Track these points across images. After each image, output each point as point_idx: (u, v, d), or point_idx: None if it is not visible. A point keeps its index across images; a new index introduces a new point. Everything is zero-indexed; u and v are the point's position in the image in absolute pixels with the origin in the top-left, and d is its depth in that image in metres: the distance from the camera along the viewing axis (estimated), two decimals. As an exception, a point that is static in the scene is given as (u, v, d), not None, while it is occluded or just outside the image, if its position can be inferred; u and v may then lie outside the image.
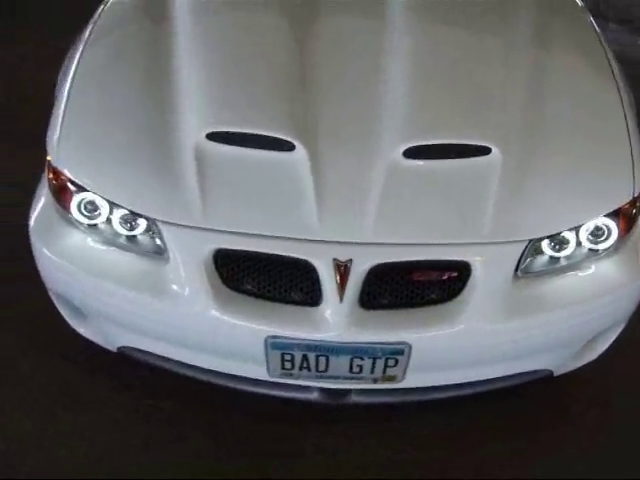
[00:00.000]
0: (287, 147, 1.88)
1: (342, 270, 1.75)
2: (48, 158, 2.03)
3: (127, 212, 1.88)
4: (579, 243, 1.92)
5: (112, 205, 1.89)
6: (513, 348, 1.90)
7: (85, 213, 1.93)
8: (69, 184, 1.93)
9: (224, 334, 1.83)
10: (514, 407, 2.33)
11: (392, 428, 2.26)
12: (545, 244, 1.88)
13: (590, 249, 1.93)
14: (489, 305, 1.81)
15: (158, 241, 1.87)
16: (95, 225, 1.94)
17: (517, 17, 2.42)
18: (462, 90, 2.12)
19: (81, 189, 1.91)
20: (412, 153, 1.88)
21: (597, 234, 1.93)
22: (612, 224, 1.92)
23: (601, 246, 1.94)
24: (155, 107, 2.02)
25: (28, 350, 2.46)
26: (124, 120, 2.00)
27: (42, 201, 2.07)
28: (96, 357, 2.32)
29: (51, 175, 2.00)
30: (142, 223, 1.88)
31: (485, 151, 1.91)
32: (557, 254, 1.91)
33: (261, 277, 1.82)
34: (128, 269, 1.89)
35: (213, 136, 1.91)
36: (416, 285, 1.81)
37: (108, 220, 1.92)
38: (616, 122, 2.10)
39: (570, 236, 1.90)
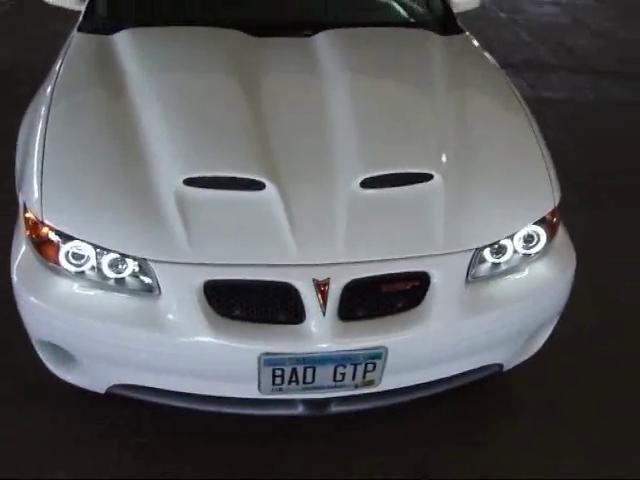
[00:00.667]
0: (258, 187, 2.12)
1: (322, 288, 1.99)
2: (27, 215, 2.17)
3: (115, 256, 2.05)
4: (515, 251, 2.23)
5: (100, 250, 2.05)
6: (471, 343, 2.18)
7: (72, 261, 2.08)
8: (55, 236, 2.08)
9: (220, 357, 2.01)
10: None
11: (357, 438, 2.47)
12: (487, 252, 2.19)
13: (524, 254, 2.26)
14: (448, 307, 2.09)
15: (147, 279, 2.04)
16: (82, 272, 2.09)
17: (436, 68, 2.79)
18: (399, 127, 2.44)
19: (68, 239, 2.07)
20: (367, 183, 2.16)
21: (529, 240, 2.25)
22: (540, 231, 2.26)
23: (533, 250, 2.27)
24: (129, 158, 2.21)
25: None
26: (102, 173, 2.18)
27: (22, 251, 2.19)
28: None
29: (30, 231, 2.14)
30: (130, 265, 2.05)
31: (428, 177, 2.21)
32: (497, 260, 2.21)
33: (249, 302, 2.02)
34: (121, 308, 2.05)
35: (190, 182, 2.12)
36: (386, 296, 2.07)
37: (94, 266, 2.07)
38: (530, 145, 2.47)
39: (507, 243, 2.21)
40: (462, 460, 2.42)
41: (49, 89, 2.56)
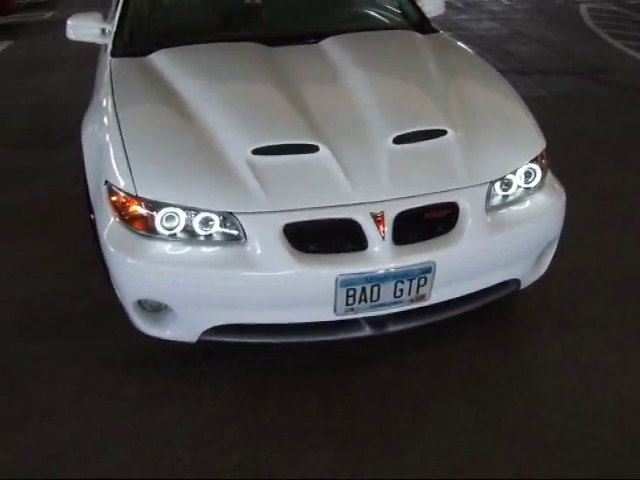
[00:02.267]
0: (313, 149, 2.63)
1: (378, 219, 2.49)
2: (113, 199, 2.61)
3: (204, 215, 2.51)
4: (518, 186, 2.78)
5: (190, 212, 2.51)
6: (495, 258, 2.71)
7: (165, 225, 2.53)
8: (145, 209, 2.53)
9: (302, 284, 2.48)
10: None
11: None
12: (497, 187, 2.73)
13: (525, 188, 2.81)
14: (475, 228, 2.61)
15: (232, 231, 2.50)
16: (174, 234, 2.54)
17: (428, 53, 3.41)
18: (412, 96, 3.03)
19: (160, 207, 2.52)
20: (398, 139, 2.69)
21: (528, 175, 2.81)
22: (536, 167, 2.83)
23: (531, 184, 2.82)
24: (201, 138, 2.69)
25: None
26: (181, 151, 2.64)
27: (110, 221, 2.61)
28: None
29: (119, 211, 2.58)
30: (216, 221, 2.51)
31: (443, 132, 2.76)
32: (506, 193, 2.76)
33: (321, 237, 2.50)
34: (213, 257, 2.51)
35: (257, 151, 2.62)
36: (428, 222, 2.59)
37: (185, 227, 2.53)
38: (515, 104, 3.11)
39: (512, 179, 2.76)
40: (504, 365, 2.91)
41: (107, 100, 3.02)
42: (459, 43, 3.83)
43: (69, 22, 3.80)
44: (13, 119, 6.21)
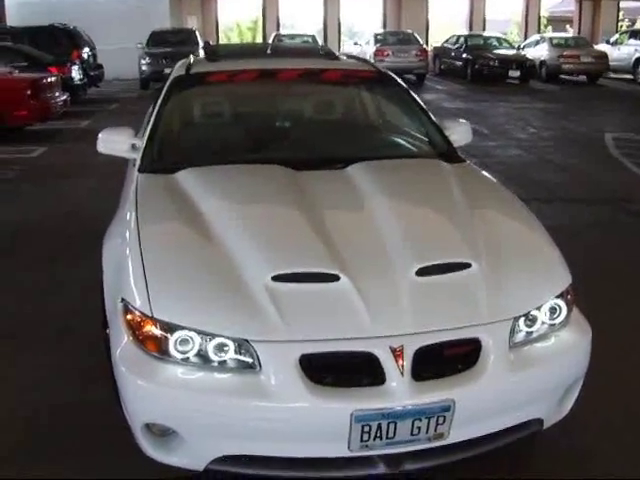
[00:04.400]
0: (334, 278, 2.60)
1: (398, 354, 2.43)
2: (128, 317, 2.59)
3: (219, 341, 2.47)
4: (542, 322, 2.72)
5: (205, 336, 2.47)
6: (517, 397, 2.62)
7: (179, 349, 2.49)
8: (161, 330, 2.50)
9: (316, 418, 2.40)
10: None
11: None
12: (522, 323, 2.67)
13: (550, 324, 2.74)
14: (498, 366, 2.54)
15: (247, 358, 2.46)
16: (187, 358, 2.50)
17: (454, 183, 3.42)
18: (436, 227, 3.04)
19: (175, 329, 2.49)
20: (420, 272, 2.67)
21: (553, 312, 2.75)
22: (561, 303, 2.77)
23: (557, 321, 2.76)
24: (221, 261, 2.70)
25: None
26: (200, 273, 2.65)
27: (124, 340, 2.58)
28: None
29: (134, 330, 2.56)
30: (231, 347, 2.47)
31: (467, 265, 2.73)
32: (530, 329, 2.69)
33: (338, 370, 2.44)
34: (225, 384, 2.46)
35: (277, 278, 2.60)
36: (448, 358, 2.52)
37: (198, 351, 2.48)
38: (541, 235, 3.09)
39: (537, 314, 2.70)
40: None
41: (131, 215, 3.06)
42: (485, 173, 3.86)
43: (100, 135, 3.91)
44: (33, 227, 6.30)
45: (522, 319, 2.67)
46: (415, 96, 4.37)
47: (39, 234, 6.08)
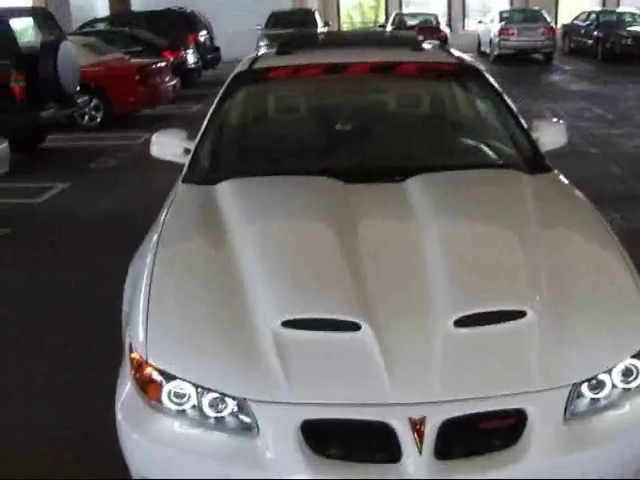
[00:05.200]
0: (354, 327, 2.20)
1: (418, 427, 2.01)
2: (132, 356, 2.31)
3: (216, 396, 2.14)
4: (614, 385, 2.20)
5: (201, 390, 2.15)
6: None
7: (174, 400, 2.19)
8: (158, 376, 2.20)
9: (317, 497, 2.03)
10: None
11: None
12: (585, 388, 2.16)
13: (623, 388, 2.21)
14: (546, 446, 2.06)
15: (246, 418, 2.12)
16: (183, 411, 2.19)
17: (526, 207, 2.87)
18: (490, 266, 2.52)
19: (170, 378, 2.18)
20: (461, 322, 2.21)
21: (627, 374, 2.22)
22: (639, 364, 2.22)
23: (633, 385, 2.22)
24: (229, 302, 2.36)
25: None
26: (204, 317, 2.33)
27: (126, 389, 2.32)
28: None
29: (134, 371, 2.28)
30: (229, 404, 2.14)
31: (521, 314, 2.24)
32: (596, 396, 2.18)
33: (345, 441, 2.06)
34: (220, 446, 2.13)
35: (287, 323, 2.23)
36: (482, 433, 2.06)
37: (194, 405, 2.17)
38: (622, 278, 2.49)
39: (605, 378, 2.18)
40: None
41: (155, 238, 2.77)
42: (574, 189, 3.22)
43: (154, 138, 3.65)
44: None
45: (585, 384, 2.16)
46: (502, 92, 3.81)
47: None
